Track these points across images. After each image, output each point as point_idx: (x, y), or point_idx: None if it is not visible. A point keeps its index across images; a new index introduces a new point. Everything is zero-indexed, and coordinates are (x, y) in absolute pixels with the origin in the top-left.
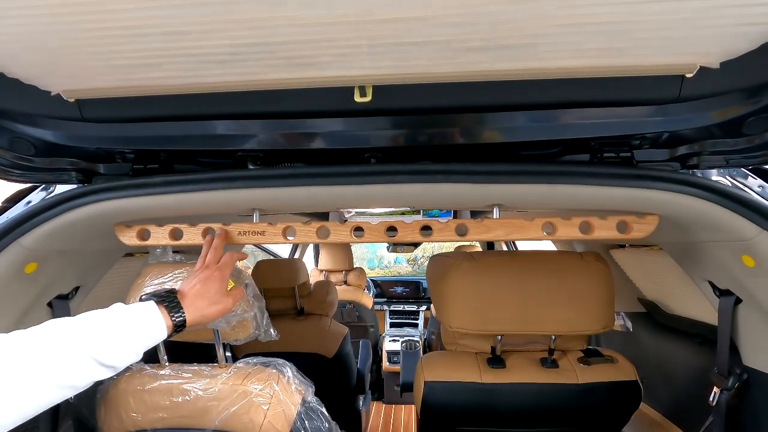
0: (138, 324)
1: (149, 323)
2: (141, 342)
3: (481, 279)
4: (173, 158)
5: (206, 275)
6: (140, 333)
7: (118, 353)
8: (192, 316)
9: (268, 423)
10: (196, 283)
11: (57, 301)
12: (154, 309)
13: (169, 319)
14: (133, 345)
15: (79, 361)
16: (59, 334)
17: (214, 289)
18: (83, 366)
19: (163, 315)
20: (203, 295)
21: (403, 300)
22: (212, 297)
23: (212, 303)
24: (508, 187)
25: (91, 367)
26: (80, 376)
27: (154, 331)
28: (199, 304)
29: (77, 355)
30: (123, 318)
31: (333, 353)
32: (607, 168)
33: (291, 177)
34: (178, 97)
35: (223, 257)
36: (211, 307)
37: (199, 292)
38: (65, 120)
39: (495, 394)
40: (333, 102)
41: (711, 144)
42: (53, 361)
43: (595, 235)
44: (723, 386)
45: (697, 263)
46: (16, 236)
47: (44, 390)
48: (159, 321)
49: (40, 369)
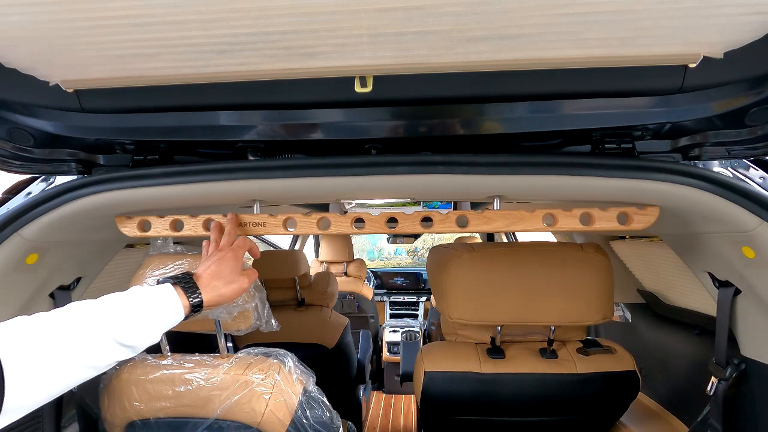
0: (156, 305)
1: (167, 305)
2: (160, 323)
3: (481, 270)
4: (173, 149)
5: (220, 256)
6: (159, 314)
7: (138, 334)
8: (209, 296)
9: (269, 412)
10: (211, 264)
11: (59, 292)
12: (171, 291)
13: (186, 299)
14: (153, 326)
15: (102, 342)
16: (81, 315)
17: (228, 269)
18: (105, 347)
19: (180, 296)
20: (219, 276)
21: (403, 291)
22: (228, 277)
23: (228, 282)
24: (509, 178)
25: (113, 347)
26: (102, 356)
27: (173, 313)
28: (215, 284)
29: (99, 337)
30: (142, 300)
31: (334, 344)
32: (608, 159)
33: (291, 168)
34: (177, 87)
35: (236, 240)
36: (228, 286)
37: (214, 272)
38: (64, 110)
39: (494, 384)
40: (333, 92)
41: (713, 135)
42: (77, 342)
43: (596, 227)
44: (721, 376)
45: (697, 254)
46: (16, 227)
47: (69, 370)
48: (176, 302)
49: (65, 350)
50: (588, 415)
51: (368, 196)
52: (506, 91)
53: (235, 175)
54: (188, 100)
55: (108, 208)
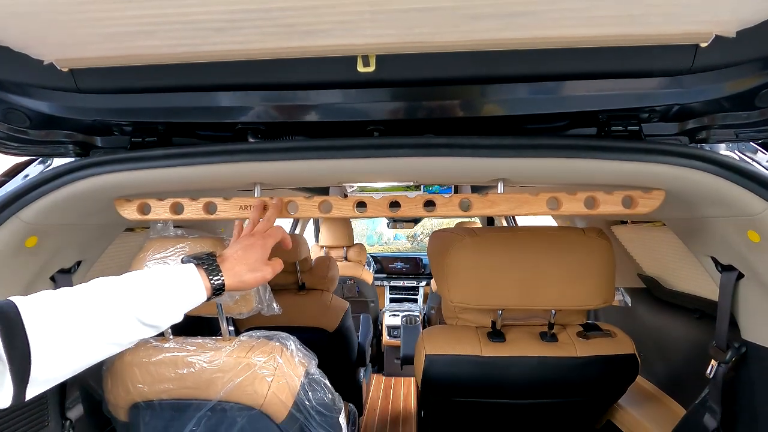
0: (178, 285)
1: (190, 285)
2: (181, 302)
3: (482, 254)
4: (172, 131)
5: (251, 242)
6: (180, 293)
7: (160, 314)
8: (231, 280)
9: (272, 394)
10: (239, 249)
11: (59, 275)
12: (194, 271)
13: (208, 281)
14: (174, 305)
15: (125, 320)
16: (106, 292)
17: (255, 256)
18: (128, 325)
19: (202, 277)
20: (244, 261)
21: (403, 276)
22: (252, 264)
23: (252, 270)
24: (513, 161)
25: (135, 326)
26: (125, 334)
27: (194, 293)
28: (238, 269)
29: (123, 314)
30: (163, 278)
31: (334, 327)
32: (614, 141)
33: (292, 150)
34: (175, 67)
35: (271, 228)
36: (250, 273)
37: (240, 257)
38: (59, 91)
39: (495, 367)
40: (335, 72)
41: (721, 117)
42: (102, 318)
43: (600, 210)
44: (721, 359)
45: (701, 239)
46: (14, 210)
47: (93, 345)
48: (198, 283)
49: (90, 325)
50: (587, 397)
51: (370, 179)
52: (511, 71)
53: (235, 158)
54: (186, 80)
55: (107, 190)
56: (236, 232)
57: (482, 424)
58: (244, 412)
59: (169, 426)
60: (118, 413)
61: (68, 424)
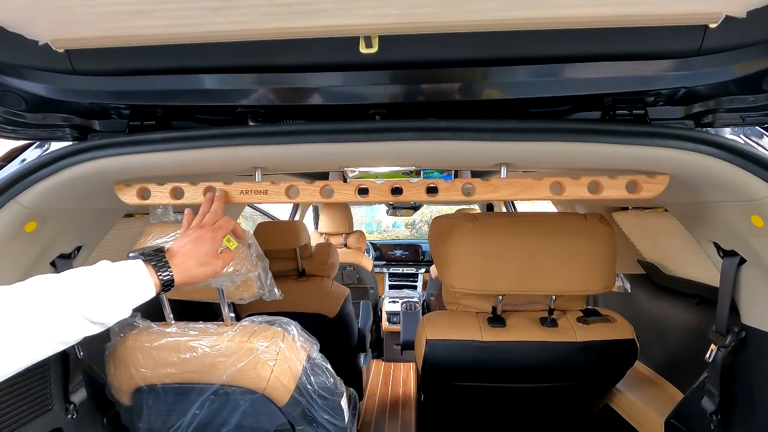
0: (126, 281)
1: (137, 281)
2: (129, 299)
3: (484, 240)
4: (170, 115)
5: (198, 235)
6: (128, 290)
7: (107, 310)
8: (180, 275)
9: (274, 378)
10: (187, 242)
11: (60, 261)
12: (141, 267)
13: (156, 277)
14: (122, 302)
15: (70, 319)
16: (48, 290)
17: (204, 250)
18: (74, 323)
19: (150, 273)
20: (193, 256)
21: (402, 263)
22: (202, 258)
23: (201, 264)
24: (516, 144)
25: (81, 324)
26: (71, 332)
27: (142, 289)
28: (187, 264)
29: (68, 313)
30: (111, 275)
31: (335, 313)
32: (619, 125)
33: (293, 134)
34: (172, 48)
35: (220, 220)
36: (200, 268)
37: (189, 252)
38: (55, 73)
39: (495, 352)
40: (337, 54)
41: (727, 101)
42: (45, 317)
43: (604, 195)
44: (721, 344)
45: (704, 224)
46: (13, 194)
47: (36, 345)
48: (147, 279)
49: (31, 325)
50: (586, 382)
51: (372, 163)
52: (516, 53)
53: (235, 141)
54: (184, 61)
55: (105, 175)
56: (185, 222)
57: (481, 407)
58: (246, 396)
59: (173, 409)
60: (122, 397)
61: (72, 407)
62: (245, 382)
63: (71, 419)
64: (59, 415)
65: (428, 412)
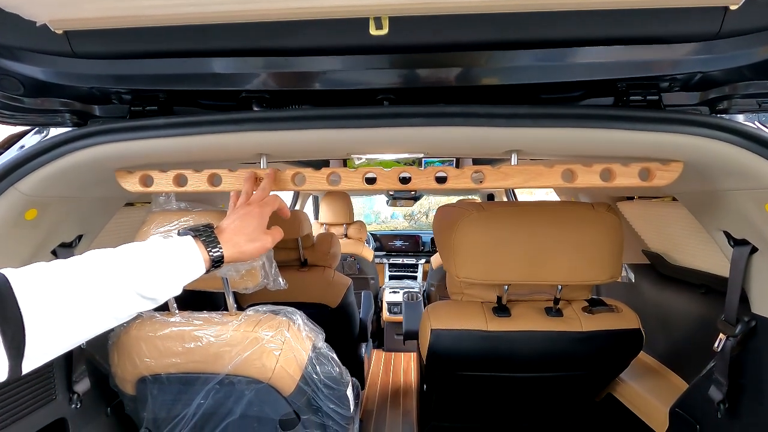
0: (178, 258)
1: (188, 257)
2: (180, 275)
3: (490, 229)
4: (173, 100)
5: (246, 211)
6: (179, 266)
7: (159, 286)
8: (230, 251)
9: (280, 368)
10: (236, 218)
11: (61, 249)
12: (192, 243)
13: (207, 253)
14: (173, 278)
15: (124, 293)
16: (103, 265)
17: (253, 225)
18: (127, 298)
19: (200, 249)
20: (242, 231)
21: (403, 253)
22: (251, 234)
23: (251, 240)
24: (529, 131)
25: (134, 299)
26: (124, 307)
27: (194, 266)
28: (237, 239)
29: (122, 287)
30: (163, 251)
31: (337, 303)
32: (634, 111)
33: (300, 119)
34: (175, 29)
35: (268, 197)
36: (250, 243)
37: (238, 228)
38: (54, 55)
39: (500, 341)
40: (345, 36)
41: (744, 86)
42: (100, 291)
43: (616, 183)
44: (730, 333)
45: (715, 213)
46: (12, 181)
47: (91, 319)
48: (197, 255)
49: (87, 299)
50: (590, 371)
51: (380, 150)
52: (531, 35)
53: (241, 127)
54: (187, 44)
55: (106, 161)
56: (232, 204)
57: (485, 397)
58: (252, 386)
59: (177, 399)
60: (126, 387)
61: (75, 397)
62: (251, 371)
63: (75, 409)
64: (63, 404)
65: (431, 402)
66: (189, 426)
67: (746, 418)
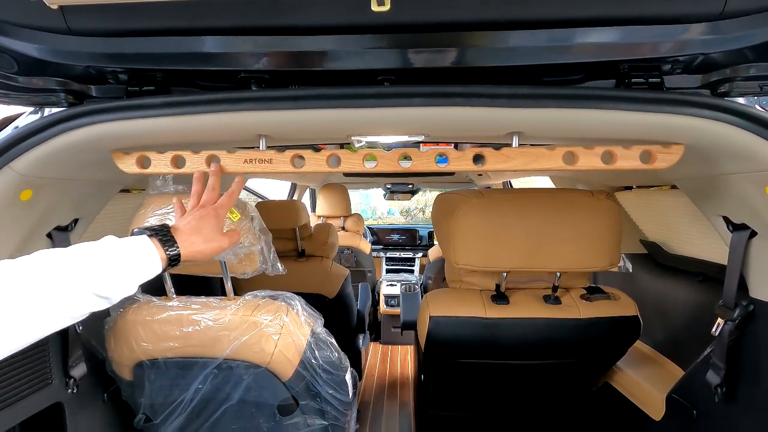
0: (133, 256)
1: (144, 256)
2: (136, 274)
3: (489, 215)
4: (170, 80)
5: (202, 213)
6: (136, 266)
7: (114, 285)
8: (186, 250)
9: (279, 352)
10: (192, 219)
11: (56, 233)
12: (148, 242)
13: (164, 252)
14: (129, 277)
15: (79, 293)
16: (57, 265)
17: (209, 226)
18: (81, 297)
19: (157, 248)
20: (198, 232)
21: (400, 247)
22: (207, 234)
23: (207, 240)
24: (531, 111)
25: (89, 298)
26: (78, 307)
27: (150, 264)
28: (193, 239)
29: (76, 287)
30: (118, 250)
31: (335, 294)
32: (637, 92)
33: (299, 99)
34: (172, 6)
35: (221, 198)
36: (207, 243)
37: (194, 228)
38: (49, 32)
39: (498, 329)
40: (346, 12)
41: (745, 69)
42: (54, 291)
43: (618, 165)
44: (728, 317)
45: (714, 198)
46: (7, 160)
47: (46, 320)
48: (153, 254)
49: (42, 299)
50: (588, 358)
51: (380, 131)
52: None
53: (239, 106)
54: (185, 21)
55: (103, 141)
56: (178, 208)
57: (482, 385)
58: (250, 370)
59: (175, 384)
60: (123, 372)
61: (72, 382)
62: (249, 356)
63: (71, 394)
64: (59, 389)
65: (428, 391)
66: (187, 411)
67: (743, 402)
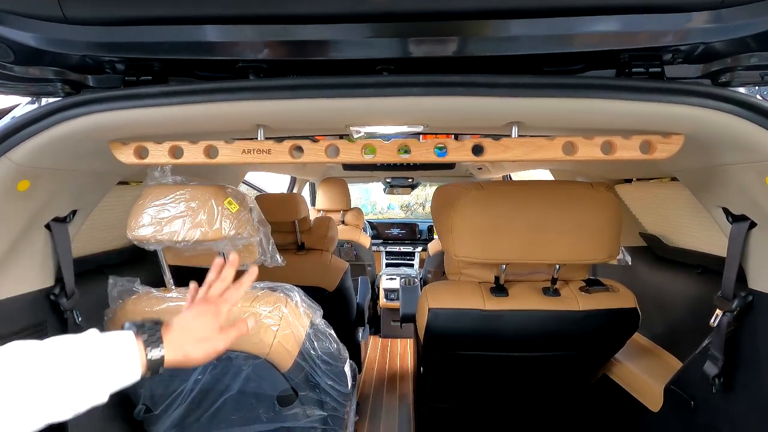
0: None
1: (122, 360)
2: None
3: (489, 207)
4: (168, 70)
5: (199, 310)
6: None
7: (82, 398)
8: (171, 354)
9: (278, 343)
10: (188, 317)
11: (55, 224)
12: (131, 341)
13: (145, 355)
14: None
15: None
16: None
17: (202, 325)
18: (46, 408)
19: (139, 349)
20: (190, 332)
21: (399, 241)
22: (199, 333)
23: (198, 340)
24: (531, 101)
25: (54, 409)
26: (39, 416)
27: (126, 371)
28: (182, 339)
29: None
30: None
31: (334, 287)
32: (637, 81)
33: (298, 88)
34: None
35: (228, 291)
36: (197, 344)
37: (186, 327)
38: (45, 21)
39: (497, 321)
40: (345, 0)
41: (747, 58)
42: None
43: (617, 156)
44: (726, 309)
45: (714, 189)
46: (3, 150)
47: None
48: (134, 358)
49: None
50: (586, 350)
51: (379, 121)
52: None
53: (237, 96)
54: (182, 10)
55: (100, 131)
56: (189, 297)
57: (481, 377)
58: (249, 361)
59: (175, 374)
60: None
61: None
62: (248, 346)
63: None
64: None
65: (428, 384)
66: (186, 401)
67: (741, 392)
